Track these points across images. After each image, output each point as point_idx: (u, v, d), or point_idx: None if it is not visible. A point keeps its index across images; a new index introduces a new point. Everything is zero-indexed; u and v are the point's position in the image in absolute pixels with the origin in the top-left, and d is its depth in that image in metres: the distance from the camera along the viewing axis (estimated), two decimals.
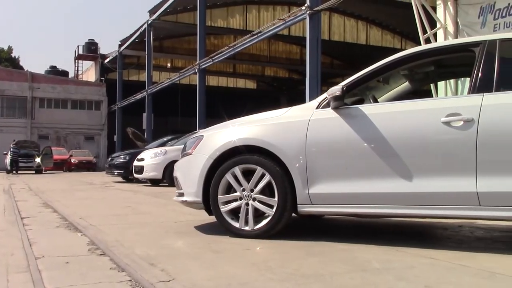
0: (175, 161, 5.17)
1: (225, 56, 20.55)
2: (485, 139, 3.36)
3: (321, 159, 3.82)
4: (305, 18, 13.19)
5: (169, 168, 11.85)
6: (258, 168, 3.95)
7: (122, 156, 15.84)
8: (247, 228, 3.98)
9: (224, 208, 4.06)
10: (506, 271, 2.82)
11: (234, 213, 4.07)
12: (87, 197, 9.21)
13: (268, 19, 29.84)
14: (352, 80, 3.97)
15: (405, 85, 4.85)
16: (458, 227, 4.72)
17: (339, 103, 3.83)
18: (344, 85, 3.89)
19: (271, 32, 16.78)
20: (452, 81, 9.06)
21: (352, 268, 2.94)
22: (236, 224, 4.02)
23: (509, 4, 8.38)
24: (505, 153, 3.36)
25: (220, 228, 4.15)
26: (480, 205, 3.37)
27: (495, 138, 3.37)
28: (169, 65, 38.43)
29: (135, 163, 13.53)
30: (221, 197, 4.08)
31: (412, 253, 3.39)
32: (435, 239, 4.33)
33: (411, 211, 3.65)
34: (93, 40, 41.60)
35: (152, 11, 28.78)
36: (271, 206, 3.91)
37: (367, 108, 3.84)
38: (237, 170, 4.02)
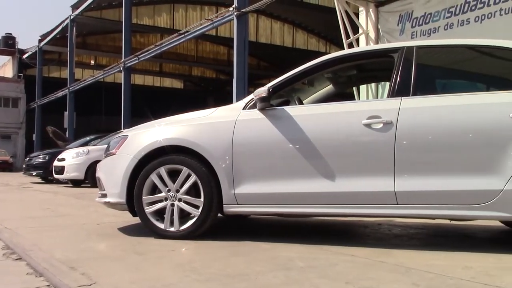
0: (98, 161, 5.01)
1: (152, 55, 20.20)
2: (403, 141, 3.53)
3: (247, 159, 3.85)
4: (233, 19, 13.24)
5: (91, 168, 11.57)
6: (184, 168, 3.92)
7: (41, 156, 15.20)
8: (172, 229, 3.94)
9: (149, 209, 3.99)
10: (420, 266, 2.97)
11: (159, 214, 4.01)
12: (2, 199, 8.73)
13: (196, 19, 29.66)
14: (278, 81, 4.03)
15: (329, 87, 4.99)
16: (378, 225, 4.92)
17: (265, 104, 3.88)
18: (271, 86, 3.95)
19: (198, 32, 16.69)
20: (373, 84, 9.42)
21: (276, 267, 2.98)
22: (161, 225, 3.96)
23: (425, 13, 8.84)
24: (420, 154, 3.56)
25: (144, 229, 4.08)
26: (397, 204, 3.53)
27: (412, 140, 3.55)
28: (92, 62, 37.21)
29: (56, 163, 13.05)
30: (146, 198, 4.01)
31: (334, 251, 3.49)
32: (356, 237, 4.49)
33: (333, 210, 3.76)
34: (11, 34, 39.49)
35: (75, 6, 27.75)
36: (197, 207, 3.89)
37: (292, 110, 3.92)
38: (162, 170, 3.97)
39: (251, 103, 3.98)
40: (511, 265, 3.04)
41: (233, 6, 13.13)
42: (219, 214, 4.00)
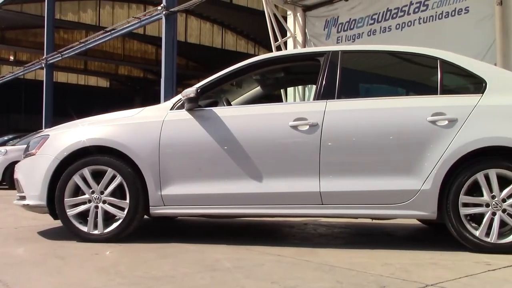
0: (16, 162, 4.78)
1: (76, 52, 19.50)
2: (328, 143, 3.63)
3: (175, 160, 3.82)
4: (161, 18, 13.04)
5: (9, 169, 11.00)
6: (109, 169, 3.82)
7: None
8: (96, 232, 3.82)
9: (71, 212, 3.85)
10: (344, 264, 3.06)
11: (83, 216, 3.88)
12: None
13: (123, 16, 28.93)
14: (207, 82, 4.02)
15: (257, 89, 5.04)
16: (304, 225, 5.02)
17: (193, 105, 3.85)
18: (199, 87, 3.93)
19: (125, 30, 16.29)
20: (300, 87, 9.60)
21: (203, 268, 2.97)
22: (85, 228, 3.84)
23: (350, 19, 9.13)
24: (344, 156, 3.68)
25: (67, 233, 3.93)
26: (322, 204, 3.63)
27: (336, 142, 3.66)
28: (12, 58, 35.40)
29: None
30: (68, 200, 3.86)
31: (261, 251, 3.53)
32: (282, 237, 4.56)
33: (260, 211, 3.81)
34: None
35: None
36: (122, 209, 3.80)
37: (220, 111, 3.92)
38: (86, 171, 3.84)
39: (179, 104, 3.94)
40: (427, 261, 3.19)
41: (162, 5, 12.94)
42: (146, 216, 3.93)
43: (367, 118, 3.72)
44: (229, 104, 4.40)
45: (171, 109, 3.96)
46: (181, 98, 3.91)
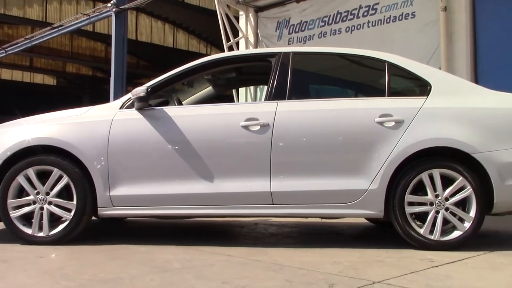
0: None
1: (21, 48, 18.82)
2: (279, 143, 3.67)
3: (124, 160, 3.75)
4: (111, 15, 12.78)
5: None
6: (55, 169, 3.71)
7: None
8: (41, 234, 3.70)
9: (14, 214, 3.72)
10: (294, 263, 3.10)
11: (27, 218, 3.76)
12: None
13: (71, 13, 28.17)
14: (157, 81, 3.97)
15: (208, 89, 5.02)
16: (254, 224, 5.04)
17: (144, 104, 3.80)
18: (149, 86, 3.88)
19: (73, 27, 15.86)
20: (252, 87, 9.63)
21: (153, 270, 2.94)
22: (29, 231, 3.71)
23: (301, 21, 9.24)
24: (295, 156, 3.72)
25: (10, 235, 3.79)
26: (273, 204, 3.66)
27: (287, 142, 3.70)
28: None
29: None
30: (12, 202, 3.73)
31: (211, 251, 3.52)
32: (233, 237, 4.56)
33: (211, 211, 3.80)
34: None
35: None
36: (69, 210, 3.70)
37: (171, 110, 3.88)
38: (31, 171, 3.72)
39: (129, 103, 3.88)
40: (374, 259, 3.27)
41: (112, 2, 12.68)
42: (94, 217, 3.84)
43: (317, 118, 3.78)
44: (180, 103, 4.36)
45: (120, 108, 3.89)
46: (131, 97, 3.84)
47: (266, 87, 4.03)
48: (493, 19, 6.85)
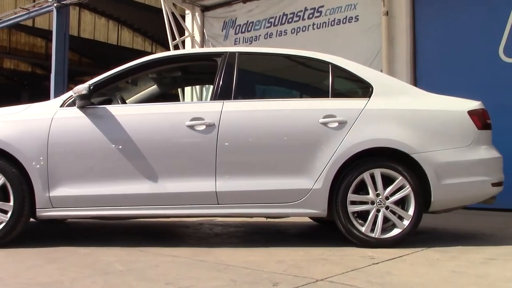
0: None
1: None
2: (224, 143, 3.66)
3: (65, 160, 3.64)
4: (52, 10, 12.38)
5: None
6: None
7: None
8: None
9: None
10: (238, 263, 3.11)
11: None
12: None
13: (9, 6, 27.07)
14: (100, 79, 3.89)
15: (153, 88, 4.95)
16: (199, 225, 5.01)
17: (85, 102, 3.70)
18: (92, 84, 3.79)
19: (12, 22, 15.24)
20: (198, 87, 9.57)
21: (94, 272, 2.87)
22: None
23: (248, 21, 9.26)
24: (240, 156, 3.73)
25: None
26: (218, 204, 3.65)
27: (232, 142, 3.70)
28: None
29: None
30: None
31: (155, 252, 3.47)
32: (178, 237, 4.52)
33: (156, 212, 3.74)
34: None
35: None
36: (5, 212, 3.56)
37: (114, 109, 3.81)
38: None
39: (70, 101, 3.78)
40: (317, 257, 3.33)
41: None
42: (33, 219, 3.71)
43: (263, 119, 3.80)
44: (124, 102, 4.29)
45: (61, 106, 3.78)
46: (72, 95, 3.74)
47: (212, 86, 4.02)
48: (432, 25, 7.12)
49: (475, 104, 3.96)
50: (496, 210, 5.72)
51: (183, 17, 10.36)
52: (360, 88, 4.09)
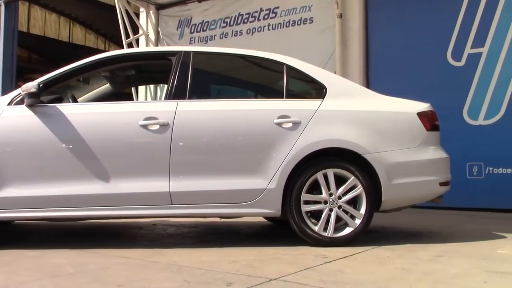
0: None
1: None
2: (178, 143, 3.64)
3: (11, 160, 3.53)
4: (0, 5, 11.97)
5: None
6: None
7: None
8: None
9: None
10: (192, 264, 3.09)
11: None
12: None
13: None
14: (50, 77, 3.79)
15: (106, 86, 4.86)
16: (153, 225, 4.95)
17: (35, 101, 3.60)
18: (41, 81, 3.69)
19: None
20: (152, 86, 9.46)
21: (43, 275, 2.79)
22: None
23: (203, 21, 9.22)
24: (195, 156, 3.71)
25: None
26: (172, 204, 3.62)
27: (187, 142, 3.68)
28: None
29: None
30: None
31: (107, 254, 3.41)
32: (130, 238, 4.45)
33: (108, 212, 3.67)
34: None
35: None
36: None
37: (65, 108, 3.71)
38: None
39: (18, 99, 3.66)
40: (271, 257, 3.35)
41: None
42: None
43: (218, 119, 3.79)
44: (75, 101, 4.19)
45: (8, 104, 3.66)
46: (20, 93, 3.63)
47: (166, 86, 3.98)
48: (384, 29, 7.29)
49: (424, 106, 4.08)
50: (443, 209, 5.92)
51: (138, 15, 10.21)
52: (314, 89, 4.15)
